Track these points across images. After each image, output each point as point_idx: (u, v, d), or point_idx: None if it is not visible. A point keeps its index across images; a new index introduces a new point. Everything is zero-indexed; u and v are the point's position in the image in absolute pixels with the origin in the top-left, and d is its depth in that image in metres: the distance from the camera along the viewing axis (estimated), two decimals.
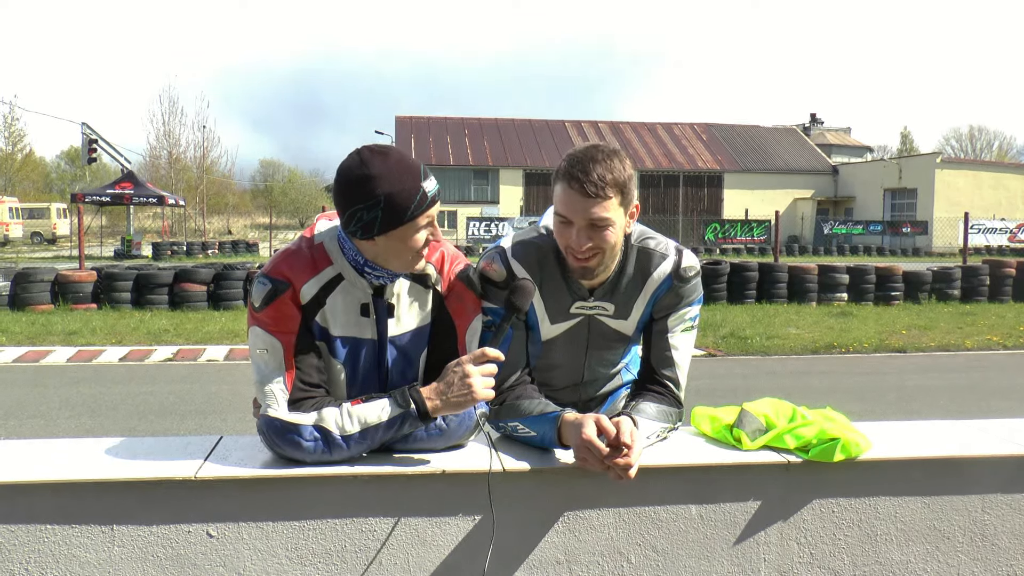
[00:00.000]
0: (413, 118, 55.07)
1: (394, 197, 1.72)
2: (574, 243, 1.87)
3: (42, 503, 1.69)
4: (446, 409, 1.76)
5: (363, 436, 1.75)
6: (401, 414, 1.75)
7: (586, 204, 1.83)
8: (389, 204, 1.72)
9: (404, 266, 1.83)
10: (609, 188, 1.83)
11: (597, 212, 1.83)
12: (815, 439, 1.90)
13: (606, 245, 1.88)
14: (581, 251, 1.87)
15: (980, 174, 47.27)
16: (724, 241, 40.74)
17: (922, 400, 7.65)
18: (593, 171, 1.82)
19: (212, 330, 11.42)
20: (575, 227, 1.86)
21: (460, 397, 1.74)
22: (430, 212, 1.79)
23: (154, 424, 6.57)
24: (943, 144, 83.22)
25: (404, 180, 1.73)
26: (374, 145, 1.78)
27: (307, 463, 1.76)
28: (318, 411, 1.76)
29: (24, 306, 13.12)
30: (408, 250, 1.80)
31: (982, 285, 16.35)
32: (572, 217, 1.86)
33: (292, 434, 1.74)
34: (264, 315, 1.80)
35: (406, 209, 1.73)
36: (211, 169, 56.13)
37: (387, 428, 1.76)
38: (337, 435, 1.74)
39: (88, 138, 34.00)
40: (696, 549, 1.87)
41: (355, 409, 1.76)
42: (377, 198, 1.71)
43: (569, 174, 1.84)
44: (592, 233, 1.85)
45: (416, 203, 1.74)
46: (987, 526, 1.95)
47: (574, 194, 1.83)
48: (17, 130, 55.74)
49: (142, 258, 30.23)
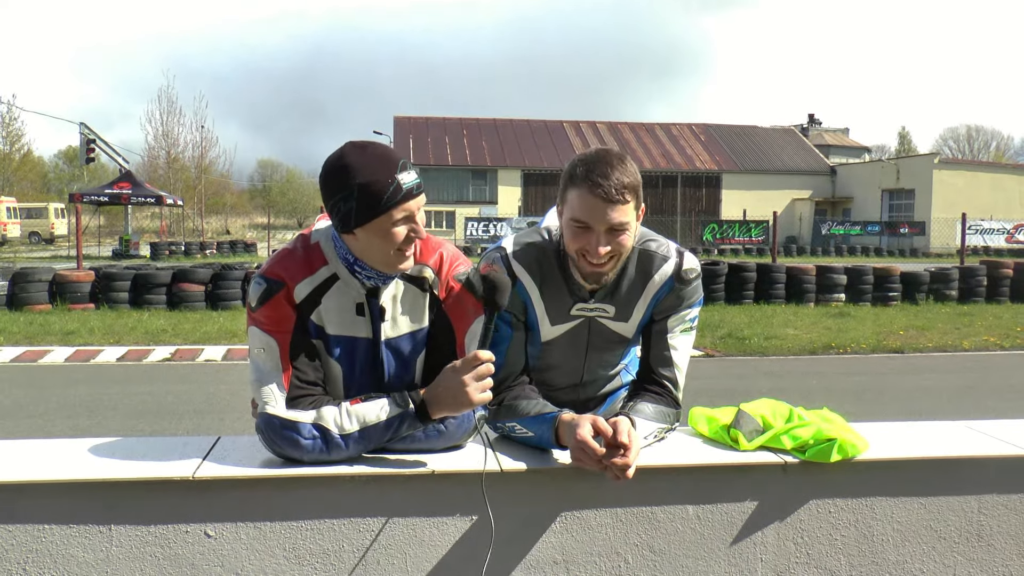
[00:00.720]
0: (411, 118, 55.07)
1: (367, 187, 1.72)
2: (593, 248, 1.86)
3: (40, 503, 1.69)
4: (444, 411, 1.76)
5: (362, 436, 1.75)
6: (400, 414, 1.75)
7: (608, 209, 1.82)
8: (362, 194, 1.72)
9: (386, 264, 1.80)
10: (627, 192, 1.84)
11: (618, 217, 1.83)
12: (812, 440, 1.90)
13: (623, 249, 1.89)
14: (600, 256, 1.86)
15: (978, 175, 47.33)
16: (722, 242, 40.76)
17: (919, 401, 7.67)
18: (612, 176, 1.82)
19: (210, 330, 11.41)
20: (594, 233, 1.85)
21: (456, 400, 1.74)
22: (407, 206, 1.75)
23: (152, 424, 6.57)
24: (940, 144, 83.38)
25: (378, 171, 1.73)
26: (359, 140, 1.79)
27: (305, 462, 1.76)
28: (317, 409, 1.76)
29: (22, 306, 13.10)
30: (387, 245, 1.76)
31: (979, 286, 16.37)
32: (592, 222, 1.85)
33: (291, 432, 1.74)
34: (260, 314, 1.81)
35: (379, 199, 1.72)
36: (209, 169, 56.05)
37: (386, 428, 1.76)
38: (336, 434, 1.74)
39: (86, 138, 33.96)
40: (693, 549, 1.87)
41: (354, 408, 1.76)
42: (351, 188, 1.72)
43: (589, 180, 1.83)
44: (611, 238, 1.86)
45: (389, 194, 1.72)
46: (983, 526, 1.96)
47: (596, 200, 1.82)
48: (15, 130, 55.66)
49: (140, 258, 30.20)
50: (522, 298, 2.01)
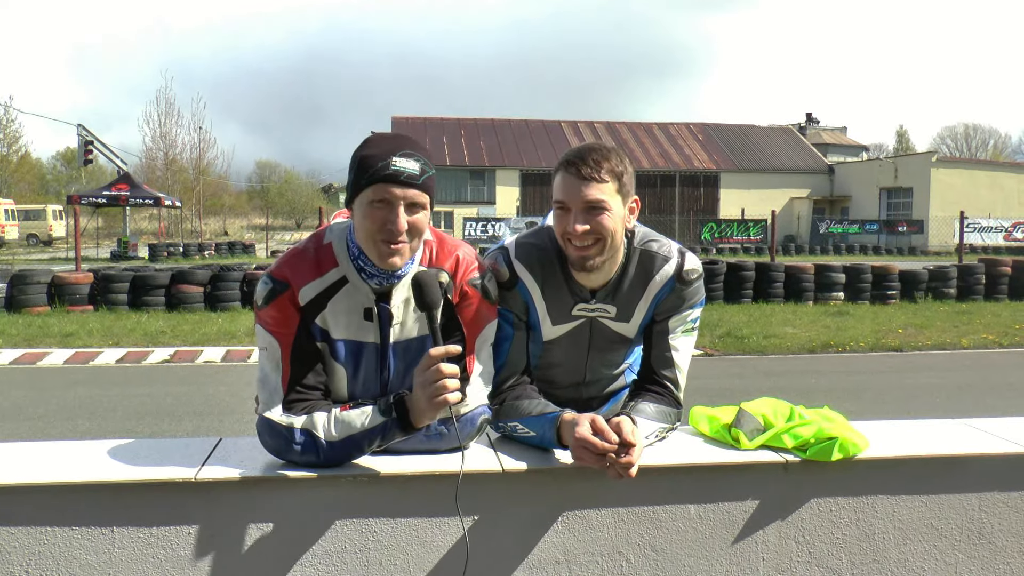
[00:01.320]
0: (409, 119, 55.05)
1: (363, 159, 1.74)
2: (571, 227, 1.88)
3: (42, 505, 1.69)
4: (426, 416, 1.71)
5: (346, 443, 1.74)
6: (382, 423, 1.73)
7: (582, 186, 1.87)
8: (357, 165, 1.74)
9: (374, 253, 1.76)
10: (605, 172, 1.88)
11: (593, 194, 1.87)
12: (813, 438, 1.91)
13: (604, 231, 1.89)
14: (578, 236, 1.88)
15: (975, 173, 47.38)
16: (720, 241, 40.78)
17: (919, 399, 7.67)
18: (589, 157, 1.89)
19: (209, 331, 11.40)
20: (572, 212, 1.89)
21: (420, 406, 1.69)
22: (390, 189, 1.71)
23: (152, 426, 6.56)
24: (938, 143, 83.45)
25: (380, 146, 1.74)
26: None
27: (299, 465, 1.77)
28: (309, 415, 1.77)
29: (20, 308, 13.08)
30: (368, 225, 1.74)
31: (978, 284, 16.39)
32: (569, 201, 1.89)
33: (282, 436, 1.76)
34: (265, 314, 1.82)
35: (365, 172, 1.72)
36: (207, 170, 55.98)
37: (369, 436, 1.74)
38: (323, 439, 1.74)
39: (84, 140, 33.97)
40: (695, 548, 1.87)
41: (342, 415, 1.76)
42: (355, 159, 1.76)
43: (566, 162, 1.91)
44: (589, 217, 1.87)
45: (375, 169, 1.71)
46: (984, 524, 1.96)
47: (570, 177, 1.89)
48: (13, 131, 55.59)
49: (138, 259, 30.18)
50: (524, 298, 2.01)
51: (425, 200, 1.76)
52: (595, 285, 2.01)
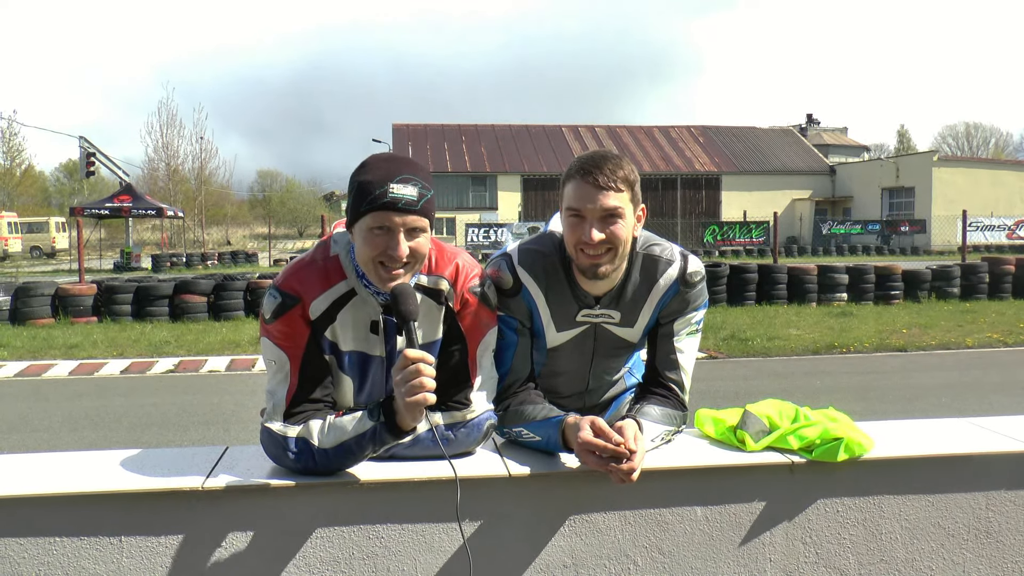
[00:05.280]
0: (410, 126, 55.14)
1: (362, 185, 1.73)
2: (587, 236, 1.88)
3: (51, 516, 1.70)
4: (406, 418, 1.68)
5: (339, 449, 1.74)
6: (371, 428, 1.72)
7: (599, 195, 1.87)
8: (357, 191, 1.74)
9: (373, 275, 1.76)
10: (620, 182, 1.89)
11: (610, 202, 1.87)
12: (818, 439, 1.91)
13: (617, 240, 1.90)
14: (594, 244, 1.88)
15: (977, 171, 47.31)
16: (723, 243, 40.75)
17: (924, 398, 7.66)
18: (604, 166, 1.89)
19: (213, 341, 11.42)
20: (587, 221, 1.89)
21: (404, 403, 1.66)
22: (389, 216, 1.70)
23: (157, 436, 6.57)
24: (939, 142, 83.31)
25: (377, 171, 1.73)
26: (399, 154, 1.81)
27: (298, 472, 1.78)
28: (306, 423, 1.77)
29: (25, 320, 13.11)
30: (367, 251, 1.73)
31: (981, 283, 16.36)
32: (584, 209, 1.89)
33: (279, 445, 1.77)
34: (273, 328, 1.81)
35: (363, 199, 1.72)
36: (209, 180, 56.09)
37: (360, 440, 1.72)
38: (317, 446, 1.74)
39: (86, 151, 34.05)
40: (702, 550, 1.88)
41: (335, 421, 1.76)
42: (354, 184, 1.75)
43: (582, 170, 1.90)
44: (604, 225, 1.88)
45: (374, 196, 1.70)
46: (992, 523, 1.96)
47: (587, 186, 1.88)
48: (16, 145, 55.72)
49: (142, 270, 30.25)
50: (528, 304, 2.02)
51: (425, 224, 1.76)
52: (599, 291, 2.02)
